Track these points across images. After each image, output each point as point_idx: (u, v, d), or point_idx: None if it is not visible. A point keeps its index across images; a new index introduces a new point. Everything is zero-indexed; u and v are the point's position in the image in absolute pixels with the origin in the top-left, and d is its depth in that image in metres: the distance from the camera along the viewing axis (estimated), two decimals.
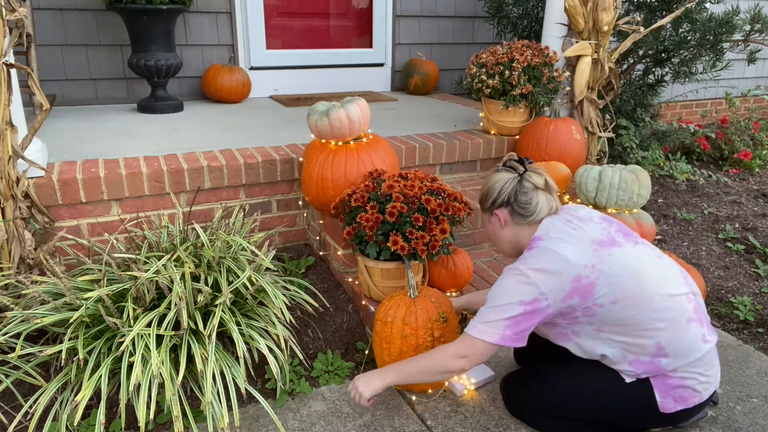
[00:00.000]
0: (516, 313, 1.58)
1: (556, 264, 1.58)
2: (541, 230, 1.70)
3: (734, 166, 4.44)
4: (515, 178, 1.73)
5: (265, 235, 2.49)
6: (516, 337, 1.61)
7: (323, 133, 2.28)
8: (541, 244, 1.65)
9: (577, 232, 1.65)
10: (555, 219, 1.72)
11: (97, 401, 1.77)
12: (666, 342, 1.60)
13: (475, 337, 1.62)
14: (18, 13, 1.91)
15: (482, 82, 2.97)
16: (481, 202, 1.83)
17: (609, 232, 1.67)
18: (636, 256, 1.63)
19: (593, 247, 1.61)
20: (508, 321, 1.59)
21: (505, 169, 1.78)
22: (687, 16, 3.50)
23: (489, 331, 1.61)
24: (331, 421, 1.85)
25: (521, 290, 1.59)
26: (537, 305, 1.58)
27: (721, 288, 2.73)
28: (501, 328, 1.60)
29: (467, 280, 2.28)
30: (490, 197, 1.77)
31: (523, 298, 1.58)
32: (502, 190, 1.74)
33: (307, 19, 4.29)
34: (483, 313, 1.65)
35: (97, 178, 2.29)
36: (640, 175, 2.44)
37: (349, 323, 2.26)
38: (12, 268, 2.01)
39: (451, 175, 3.03)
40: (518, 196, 1.72)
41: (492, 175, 1.80)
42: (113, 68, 3.71)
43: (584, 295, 1.58)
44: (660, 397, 1.64)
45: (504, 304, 1.60)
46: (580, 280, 1.57)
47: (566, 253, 1.59)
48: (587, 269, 1.58)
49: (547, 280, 1.57)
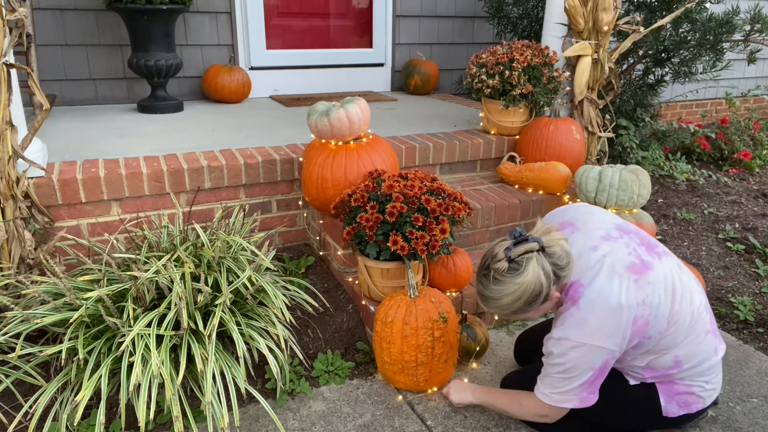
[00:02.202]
0: (589, 376, 1.56)
1: (613, 314, 1.49)
2: (576, 270, 1.56)
3: (734, 166, 4.44)
4: (540, 255, 1.50)
5: (265, 235, 2.49)
6: (591, 395, 1.60)
7: (323, 133, 2.28)
8: (584, 293, 1.52)
9: (609, 258, 1.55)
10: (579, 245, 1.59)
11: (97, 401, 1.77)
12: (683, 355, 1.60)
13: (550, 405, 1.63)
14: (18, 13, 1.91)
15: (482, 82, 2.97)
16: (524, 309, 1.55)
17: (634, 249, 1.58)
18: (666, 277, 1.58)
19: (633, 278, 1.53)
20: (583, 386, 1.57)
21: (523, 263, 1.50)
22: (687, 16, 3.49)
23: (567, 399, 1.60)
24: (331, 421, 1.85)
25: (589, 359, 1.53)
26: (608, 363, 1.55)
27: (721, 288, 2.73)
28: (578, 392, 1.59)
29: (467, 280, 2.28)
30: (542, 294, 1.51)
31: (593, 364, 1.54)
32: (547, 278, 1.50)
33: (307, 19, 4.29)
34: (550, 380, 1.60)
35: (97, 178, 2.29)
36: (640, 175, 2.45)
37: (349, 323, 2.26)
38: (12, 268, 2.01)
39: (451, 175, 3.03)
40: (558, 264, 1.51)
41: (516, 281, 1.49)
42: (113, 68, 3.71)
43: (641, 334, 1.54)
44: (665, 402, 1.64)
45: (574, 376, 1.56)
46: (636, 321, 1.52)
47: (616, 297, 1.49)
48: (640, 307, 1.52)
49: (612, 339, 1.51)
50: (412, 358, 1.88)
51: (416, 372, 1.91)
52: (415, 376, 1.92)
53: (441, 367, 1.93)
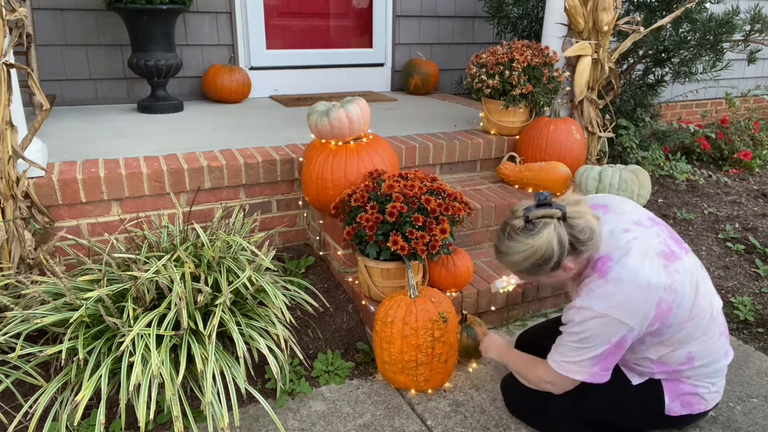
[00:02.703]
0: (603, 350, 1.54)
1: (639, 291, 1.49)
2: (604, 247, 1.56)
3: (734, 166, 4.44)
4: (559, 224, 1.51)
5: (265, 235, 2.49)
6: (603, 373, 1.59)
7: (323, 133, 2.28)
8: (613, 267, 1.52)
9: (639, 241, 1.55)
10: (611, 225, 1.59)
11: (97, 401, 1.77)
12: (696, 353, 1.60)
13: (560, 373, 1.62)
14: (18, 13, 1.91)
15: (482, 82, 2.97)
16: (533, 270, 1.57)
17: (664, 240, 1.59)
18: (692, 271, 1.58)
19: (662, 263, 1.53)
20: (595, 359, 1.56)
21: (538, 226, 1.51)
22: (687, 16, 3.50)
23: (577, 369, 1.59)
24: (331, 421, 1.85)
25: (608, 331, 1.52)
26: (625, 340, 1.54)
27: (721, 288, 2.73)
28: (588, 365, 1.58)
29: (467, 280, 2.28)
30: (550, 261, 1.52)
31: (609, 338, 1.52)
32: (562, 244, 1.50)
33: (307, 19, 4.29)
34: (567, 351, 1.60)
35: (97, 178, 2.29)
36: (640, 175, 2.45)
37: (349, 323, 2.26)
38: (12, 268, 2.01)
39: (451, 175, 3.03)
40: (577, 237, 1.51)
41: (529, 241, 1.51)
42: (113, 68, 3.71)
43: (662, 319, 1.53)
44: (668, 400, 1.64)
45: (589, 346, 1.55)
46: (660, 304, 1.51)
47: (646, 276, 1.49)
48: (666, 291, 1.51)
49: (634, 315, 1.50)
50: (412, 358, 1.88)
51: (416, 372, 1.91)
52: (415, 376, 1.92)
53: (441, 367, 1.93)
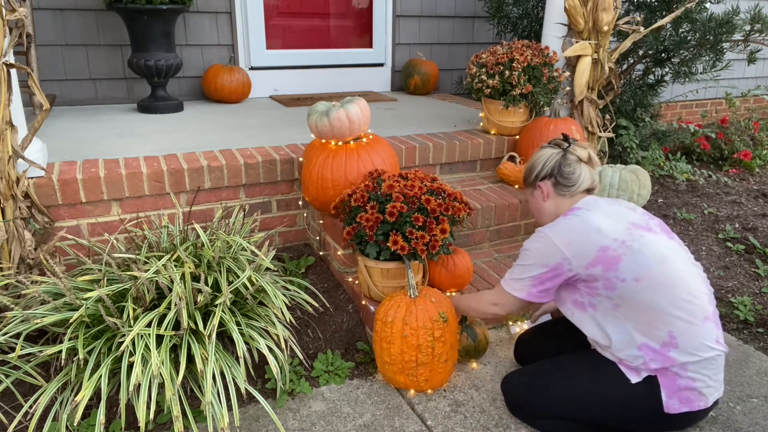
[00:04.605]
0: (540, 273, 1.72)
1: (585, 232, 1.67)
2: (582, 202, 1.79)
3: (734, 166, 4.44)
4: (559, 153, 1.84)
5: (265, 235, 2.49)
6: (540, 294, 1.76)
7: (323, 133, 2.28)
8: (577, 212, 1.74)
9: (618, 213, 1.72)
10: (599, 198, 1.80)
11: (97, 401, 1.77)
12: (678, 333, 1.61)
13: (505, 290, 1.81)
14: (18, 13, 1.91)
15: (482, 82, 2.97)
16: (525, 178, 1.93)
17: (647, 221, 1.73)
18: (668, 248, 1.68)
19: (628, 226, 1.68)
20: (533, 280, 1.74)
21: (550, 146, 1.88)
22: (687, 16, 3.50)
23: (518, 287, 1.78)
24: (331, 421, 1.85)
25: (546, 253, 1.70)
26: (560, 269, 1.69)
27: (721, 288, 2.73)
28: (527, 285, 1.76)
29: (467, 280, 2.28)
30: (534, 170, 1.87)
31: (547, 261, 1.70)
32: (547, 162, 1.84)
33: (307, 19, 4.29)
34: (513, 268, 1.81)
35: (97, 178, 2.29)
36: (640, 175, 2.45)
37: (349, 323, 2.26)
38: (12, 268, 2.01)
39: (451, 175, 3.03)
40: (562, 167, 1.81)
41: (537, 152, 1.90)
42: (113, 68, 3.71)
43: (608, 266, 1.63)
44: (666, 397, 1.64)
45: (530, 264, 1.74)
46: (606, 250, 1.64)
47: (599, 224, 1.67)
48: (616, 243, 1.64)
49: (571, 247, 1.67)
50: (412, 358, 1.88)
51: (416, 372, 1.91)
52: (415, 376, 1.92)
53: (441, 367, 1.93)
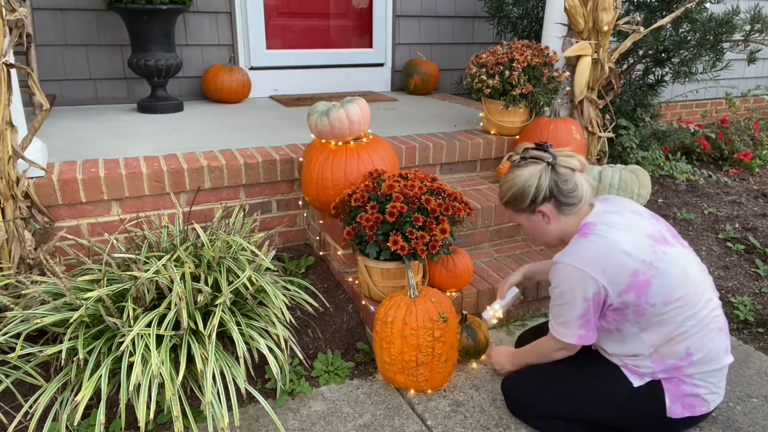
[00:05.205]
0: (582, 308, 1.58)
1: (615, 258, 1.53)
2: (592, 216, 1.63)
3: (734, 166, 4.44)
4: (547, 168, 1.63)
5: (265, 235, 2.49)
6: (591, 334, 1.63)
7: (323, 133, 2.28)
8: (596, 232, 1.58)
9: (631, 223, 1.60)
10: (604, 204, 1.66)
11: (97, 401, 1.77)
12: (695, 348, 1.59)
13: (558, 339, 1.67)
14: (18, 13, 1.91)
15: (482, 82, 2.97)
16: (513, 204, 1.71)
17: (660, 230, 1.63)
18: (687, 261, 1.61)
19: (649, 242, 1.57)
20: (579, 320, 1.61)
21: (528, 162, 1.65)
22: (687, 16, 3.49)
23: (567, 333, 1.64)
24: (331, 421, 1.85)
25: (580, 285, 1.56)
26: (598, 298, 1.57)
27: (721, 288, 2.73)
28: (576, 328, 1.62)
29: (467, 280, 2.28)
30: (527, 197, 1.65)
31: (585, 294, 1.56)
32: (540, 184, 1.63)
33: (307, 19, 4.29)
34: (555, 312, 1.66)
35: (97, 178, 2.29)
36: (640, 175, 2.45)
37: (349, 323, 2.26)
38: (12, 268, 2.01)
39: (451, 175, 3.03)
40: (560, 186, 1.62)
41: (516, 172, 1.66)
42: (113, 68, 3.71)
43: (639, 292, 1.54)
44: (670, 402, 1.63)
45: (568, 302, 1.60)
46: (637, 275, 1.53)
47: (624, 245, 1.54)
48: (644, 265, 1.54)
49: (605, 275, 1.54)
50: (412, 358, 1.88)
51: (416, 372, 1.91)
52: (416, 376, 1.92)
53: (441, 367, 1.93)
